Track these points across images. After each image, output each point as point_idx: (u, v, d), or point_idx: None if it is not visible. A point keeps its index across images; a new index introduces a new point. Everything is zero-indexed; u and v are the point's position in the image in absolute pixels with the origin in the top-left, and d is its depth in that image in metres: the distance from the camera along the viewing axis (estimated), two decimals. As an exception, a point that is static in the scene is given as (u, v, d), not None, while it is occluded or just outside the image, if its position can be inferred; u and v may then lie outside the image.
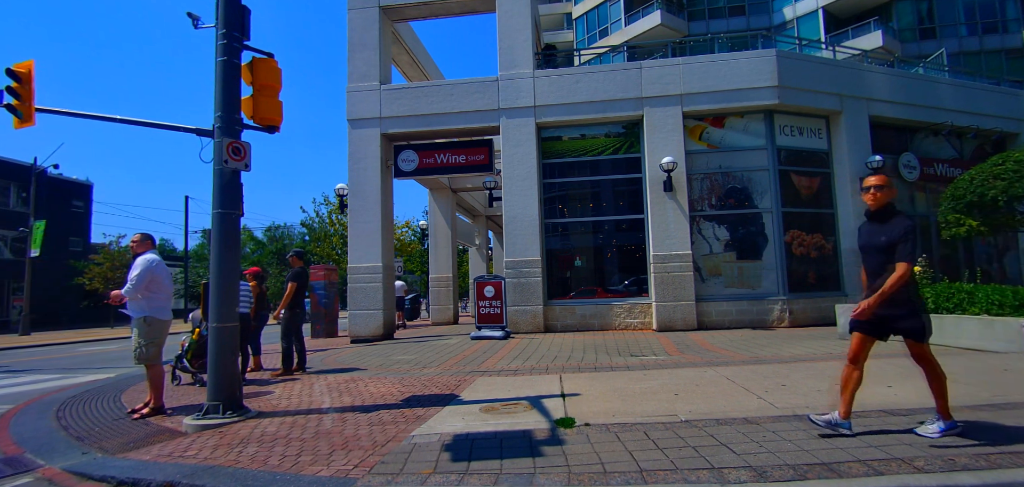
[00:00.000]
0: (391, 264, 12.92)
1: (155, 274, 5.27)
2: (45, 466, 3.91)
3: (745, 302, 11.45)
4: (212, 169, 5.14)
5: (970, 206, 9.79)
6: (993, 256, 14.20)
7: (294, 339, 7.52)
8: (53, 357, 13.14)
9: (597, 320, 11.74)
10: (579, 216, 12.77)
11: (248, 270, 7.70)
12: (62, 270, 30.14)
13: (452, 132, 12.85)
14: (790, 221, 11.92)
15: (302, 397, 5.81)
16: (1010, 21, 26.25)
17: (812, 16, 26.90)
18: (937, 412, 3.47)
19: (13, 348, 16.40)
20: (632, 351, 8.17)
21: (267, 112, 5.32)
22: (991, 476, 2.86)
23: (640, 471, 3.14)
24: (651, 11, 27.80)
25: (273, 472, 3.41)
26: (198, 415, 4.81)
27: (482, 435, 3.97)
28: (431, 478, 3.18)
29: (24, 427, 5.09)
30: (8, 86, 5.40)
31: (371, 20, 12.69)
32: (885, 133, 13.05)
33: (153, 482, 3.40)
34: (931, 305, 8.02)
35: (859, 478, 2.90)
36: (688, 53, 15.60)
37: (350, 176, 12.42)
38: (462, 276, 30.63)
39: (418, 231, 30.96)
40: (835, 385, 5.15)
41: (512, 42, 12.39)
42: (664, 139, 11.69)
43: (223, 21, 5.18)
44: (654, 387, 5.40)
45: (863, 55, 16.27)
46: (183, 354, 7.00)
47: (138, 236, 5.55)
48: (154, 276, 5.26)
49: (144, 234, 5.60)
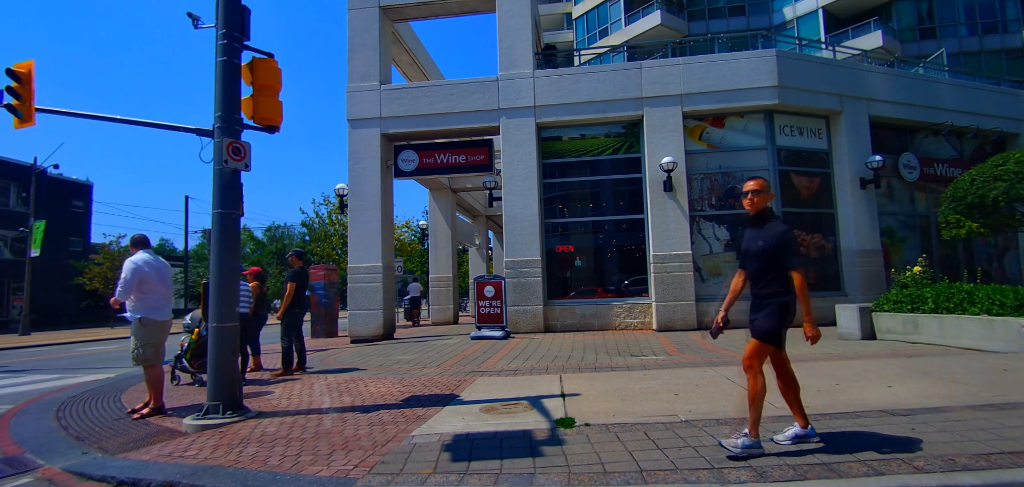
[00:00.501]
0: (391, 264, 12.92)
1: (144, 275, 5.22)
2: (45, 466, 3.91)
3: (744, 302, 11.42)
4: (212, 169, 5.14)
5: (970, 207, 9.79)
6: (993, 256, 14.20)
7: (294, 339, 7.52)
8: (53, 357, 13.14)
9: (597, 320, 11.74)
10: (579, 216, 12.77)
11: (249, 270, 7.70)
12: (62, 270, 30.13)
13: (452, 132, 12.85)
14: (790, 221, 11.85)
15: (302, 397, 5.81)
16: (1010, 21, 26.24)
17: (812, 16, 26.90)
18: (748, 427, 3.29)
19: (13, 348, 16.39)
20: (632, 351, 8.17)
21: (267, 112, 5.32)
22: (991, 476, 2.86)
23: (640, 471, 3.14)
24: (651, 11, 27.80)
25: (273, 472, 3.41)
26: (198, 415, 4.81)
27: (482, 435, 3.97)
28: (431, 478, 3.18)
29: (24, 427, 5.09)
30: (8, 86, 5.40)
31: (371, 20, 12.69)
32: (885, 133, 13.05)
33: (153, 482, 3.40)
34: (931, 305, 8.02)
35: (859, 478, 2.90)
36: (688, 53, 15.60)
37: (350, 176, 12.42)
38: (462, 276, 30.63)
39: (418, 231, 30.94)
40: (836, 385, 5.16)
41: (512, 42, 12.39)
42: (664, 139, 11.69)
43: (223, 21, 5.18)
44: (654, 387, 5.40)
45: (863, 55, 16.26)
46: (182, 354, 7.00)
47: (133, 239, 5.58)
48: (143, 277, 5.22)
49: (136, 237, 5.57)
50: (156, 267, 5.36)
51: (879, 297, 9.35)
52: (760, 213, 3.45)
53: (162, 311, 5.37)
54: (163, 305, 5.40)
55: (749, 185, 3.49)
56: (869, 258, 11.84)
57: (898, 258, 12.59)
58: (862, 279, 11.66)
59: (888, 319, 8.64)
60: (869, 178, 11.91)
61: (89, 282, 28.61)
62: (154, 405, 5.29)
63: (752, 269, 3.42)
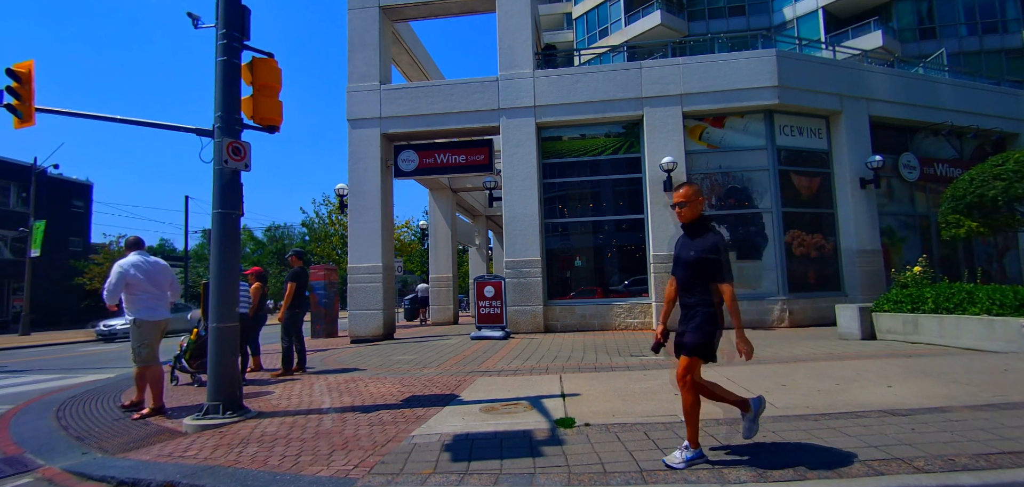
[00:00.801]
0: (391, 264, 12.92)
1: (129, 278, 5.25)
2: (45, 466, 3.91)
3: (745, 302, 11.42)
4: (212, 169, 5.14)
5: (970, 207, 9.79)
6: (993, 256, 14.20)
7: (294, 339, 7.51)
8: (53, 357, 13.14)
9: (597, 320, 11.73)
10: (579, 216, 12.76)
11: (249, 270, 7.70)
12: (62, 270, 30.14)
13: (452, 132, 12.85)
14: (790, 221, 11.92)
15: (302, 397, 5.81)
16: (1010, 21, 26.25)
17: (812, 16, 26.90)
18: (687, 439, 3.23)
19: (13, 348, 16.39)
20: (632, 351, 8.17)
21: (267, 112, 5.32)
22: (991, 476, 2.86)
23: (640, 471, 3.14)
24: (651, 11, 27.81)
25: (273, 472, 3.41)
26: (198, 415, 4.81)
27: (482, 435, 3.97)
28: (431, 478, 3.18)
29: (24, 427, 5.09)
30: (8, 86, 5.40)
31: (371, 20, 12.69)
32: (885, 133, 13.05)
33: (153, 482, 3.40)
34: (931, 305, 8.02)
35: (859, 478, 2.90)
36: (688, 53, 15.61)
37: (350, 176, 12.42)
38: (462, 276, 30.62)
39: (418, 231, 30.95)
40: (836, 385, 5.16)
41: (512, 42, 12.39)
42: (664, 139, 11.69)
43: (223, 21, 5.18)
44: (654, 387, 5.40)
45: (863, 55, 16.26)
46: (181, 354, 7.00)
47: (127, 241, 5.73)
48: (129, 281, 5.25)
49: (130, 239, 5.70)
50: (144, 268, 5.36)
51: (879, 297, 9.35)
52: (693, 222, 3.29)
53: (154, 311, 5.36)
54: (156, 305, 5.39)
55: (677, 195, 3.32)
56: (869, 258, 11.84)
57: (898, 258, 12.59)
58: (862, 279, 11.66)
59: (888, 319, 8.64)
60: (869, 178, 11.91)
61: (89, 282, 28.60)
62: (154, 405, 5.29)
63: (682, 278, 3.29)
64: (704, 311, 3.17)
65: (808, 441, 3.53)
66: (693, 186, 3.32)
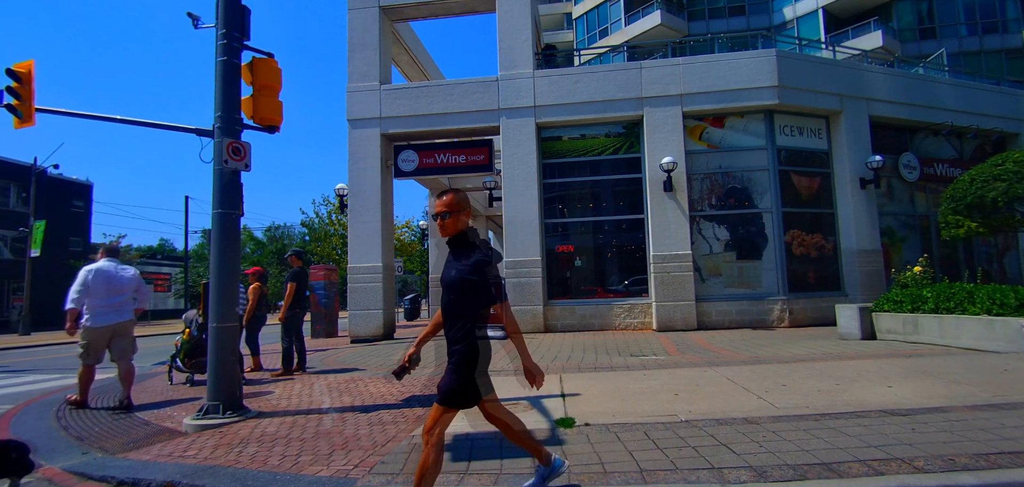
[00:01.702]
0: (391, 264, 12.92)
1: (90, 285, 5.48)
2: (45, 466, 3.90)
3: (745, 302, 11.45)
4: (212, 169, 5.14)
5: (970, 207, 9.79)
6: (993, 256, 14.19)
7: (294, 339, 7.52)
8: (53, 357, 13.14)
9: (597, 320, 11.73)
10: (579, 216, 12.76)
11: (250, 270, 7.70)
12: (62, 270, 30.09)
13: (452, 132, 12.85)
14: (790, 221, 11.92)
15: (302, 397, 5.81)
16: (1010, 21, 26.24)
17: (812, 16, 26.90)
18: (538, 463, 2.95)
19: (13, 348, 16.38)
20: (632, 351, 8.17)
21: (267, 112, 5.32)
22: (991, 476, 2.86)
23: (640, 471, 3.14)
24: (651, 11, 27.81)
25: (273, 472, 3.41)
26: (198, 415, 4.82)
27: (482, 435, 3.97)
28: (431, 478, 3.18)
29: (24, 427, 5.09)
30: (8, 86, 5.41)
31: (371, 20, 12.70)
32: (885, 133, 13.05)
33: (153, 482, 3.40)
34: (931, 305, 8.02)
35: (859, 478, 2.90)
36: (688, 53, 15.59)
37: (350, 176, 12.42)
38: (462, 276, 30.54)
39: (418, 231, 30.97)
40: (836, 385, 5.16)
41: (512, 42, 12.39)
42: (664, 139, 11.69)
43: (223, 21, 5.18)
44: (654, 387, 5.40)
45: (863, 55, 16.25)
46: (177, 354, 7.01)
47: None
48: (88, 286, 5.48)
49: (106, 245, 6.06)
50: (102, 274, 5.59)
51: (879, 297, 9.34)
52: (457, 237, 2.73)
53: (97, 317, 5.57)
54: (102, 311, 5.59)
55: (438, 204, 2.73)
56: (869, 258, 11.84)
57: (898, 258, 12.58)
58: (862, 279, 11.66)
59: (888, 319, 8.64)
60: (869, 178, 11.91)
61: (89, 282, 28.59)
62: (79, 398, 5.67)
63: (445, 303, 2.75)
64: (462, 349, 2.67)
65: (808, 441, 3.53)
66: (457, 194, 2.74)
